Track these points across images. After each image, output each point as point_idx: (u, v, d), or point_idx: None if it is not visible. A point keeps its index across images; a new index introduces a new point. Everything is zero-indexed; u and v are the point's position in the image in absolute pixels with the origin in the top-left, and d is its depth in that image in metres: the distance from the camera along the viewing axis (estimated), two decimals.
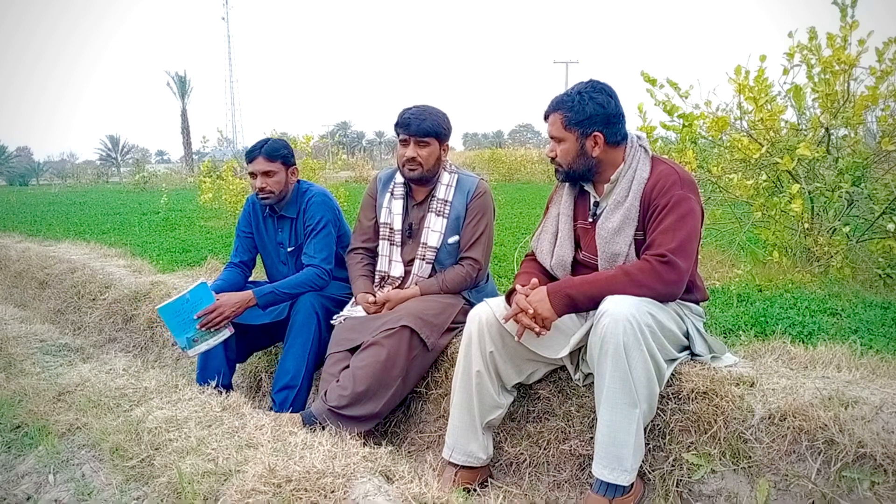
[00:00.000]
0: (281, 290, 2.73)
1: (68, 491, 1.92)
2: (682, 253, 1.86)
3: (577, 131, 1.99)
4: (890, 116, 3.68)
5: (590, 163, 2.03)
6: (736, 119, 4.06)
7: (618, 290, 1.84)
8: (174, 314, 2.57)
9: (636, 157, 2.02)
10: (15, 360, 3.42)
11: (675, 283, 1.86)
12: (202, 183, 9.27)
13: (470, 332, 2.11)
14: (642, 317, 1.78)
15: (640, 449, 1.84)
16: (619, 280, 1.86)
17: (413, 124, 2.51)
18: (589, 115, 1.97)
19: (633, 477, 1.83)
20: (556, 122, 2.02)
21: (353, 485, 1.63)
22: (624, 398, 1.77)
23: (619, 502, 1.85)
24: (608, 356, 1.77)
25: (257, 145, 2.80)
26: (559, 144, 2.04)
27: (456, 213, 2.60)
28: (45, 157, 69.45)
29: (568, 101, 2.00)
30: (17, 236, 7.45)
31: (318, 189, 2.95)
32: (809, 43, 3.73)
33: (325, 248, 2.81)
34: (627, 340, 1.74)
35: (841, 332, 2.57)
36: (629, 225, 1.97)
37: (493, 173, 19.42)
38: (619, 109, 2.02)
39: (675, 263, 1.84)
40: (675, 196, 1.91)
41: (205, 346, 2.64)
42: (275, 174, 2.78)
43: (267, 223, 2.97)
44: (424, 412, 2.62)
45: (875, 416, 1.66)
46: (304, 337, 2.62)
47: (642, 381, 1.78)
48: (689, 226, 1.89)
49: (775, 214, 3.86)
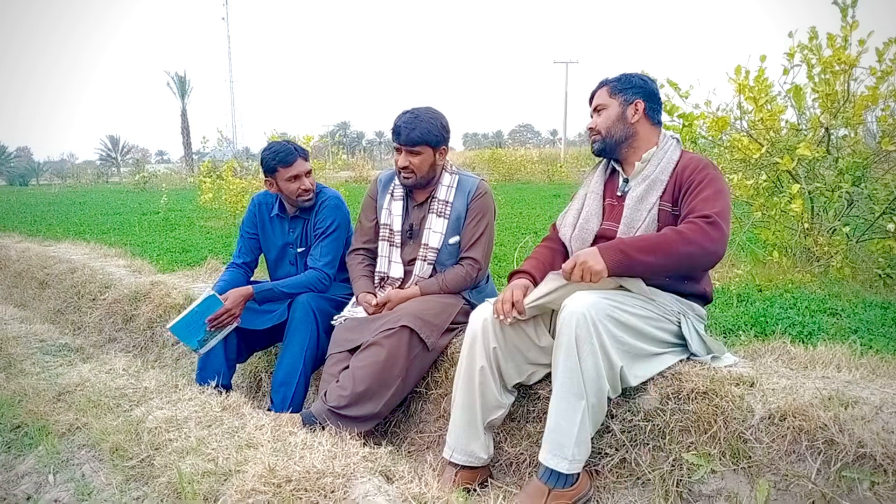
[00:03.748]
0: (279, 288, 2.74)
1: (68, 491, 1.92)
2: (724, 217, 1.95)
3: (621, 98, 2.17)
4: (890, 116, 3.68)
5: (627, 131, 2.16)
6: (736, 119, 4.07)
7: (668, 246, 1.88)
8: (185, 327, 2.61)
9: (668, 143, 2.17)
10: (15, 360, 3.43)
11: (719, 241, 1.92)
12: (202, 183, 9.27)
13: (474, 330, 2.12)
14: (599, 314, 1.83)
15: (585, 443, 1.87)
16: (669, 237, 1.91)
17: (403, 133, 2.49)
18: (633, 84, 2.18)
19: (576, 468, 1.87)
20: (603, 93, 2.21)
21: (353, 485, 1.63)
22: (571, 388, 1.84)
23: (559, 494, 1.88)
24: (562, 347, 1.85)
25: (286, 149, 2.76)
26: (601, 113, 2.19)
27: (456, 214, 2.60)
28: (45, 157, 69.62)
29: (615, 77, 2.23)
30: (16, 236, 7.45)
31: (333, 193, 2.95)
32: (810, 43, 3.73)
33: (330, 253, 2.82)
34: (580, 333, 1.81)
35: (841, 332, 2.57)
36: (654, 193, 2.08)
37: (493, 173, 19.43)
38: (658, 93, 2.22)
39: (720, 224, 1.92)
40: (712, 174, 2.04)
41: (214, 342, 2.71)
42: (310, 172, 2.84)
43: (275, 223, 2.97)
44: (424, 412, 2.62)
45: (875, 416, 1.66)
46: (302, 336, 2.63)
47: (591, 374, 1.83)
48: (726, 199, 2.02)
49: (775, 214, 3.86)
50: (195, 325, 2.62)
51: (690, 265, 2.00)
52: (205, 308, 2.62)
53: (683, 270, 2.03)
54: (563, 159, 24.11)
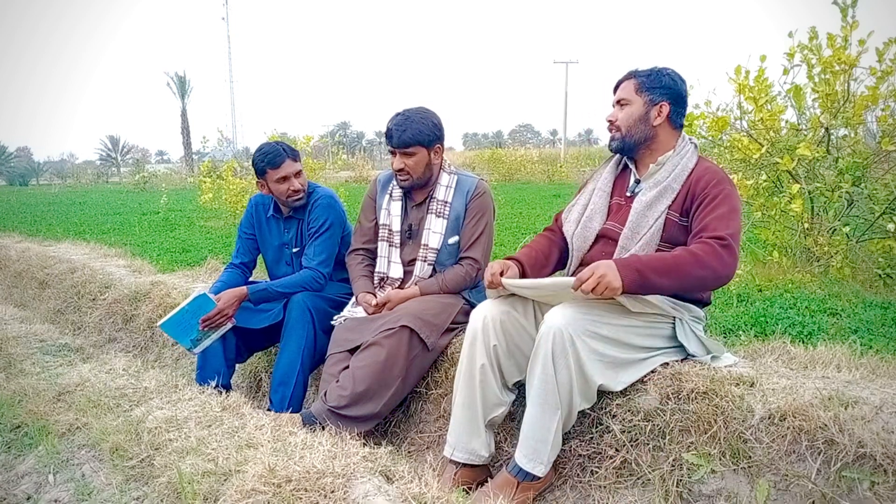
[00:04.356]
0: (274, 288, 2.74)
1: (68, 491, 1.92)
2: (736, 239, 1.92)
3: (647, 97, 2.09)
4: (890, 116, 3.68)
5: (648, 132, 2.10)
6: (736, 119, 4.07)
7: (683, 270, 1.85)
8: (176, 325, 2.61)
9: (686, 148, 2.12)
10: (15, 360, 3.43)
11: (732, 265, 1.90)
12: (202, 183, 9.28)
13: (474, 328, 2.12)
14: (577, 330, 1.86)
15: (557, 446, 1.98)
16: (685, 260, 1.87)
17: (395, 136, 2.49)
18: (662, 84, 2.09)
19: (548, 469, 1.98)
20: (629, 86, 2.12)
21: (353, 485, 1.63)
22: (547, 399, 1.90)
23: (527, 486, 1.98)
24: (538, 358, 1.89)
25: (275, 151, 2.76)
26: (624, 108, 2.12)
27: (455, 214, 2.60)
28: (45, 157, 69.66)
29: (645, 71, 2.13)
30: (16, 236, 7.45)
31: (325, 191, 2.94)
32: (810, 43, 3.73)
33: (323, 252, 2.81)
34: (556, 350, 1.85)
35: (841, 332, 2.57)
36: (663, 201, 2.04)
37: (492, 173, 19.42)
38: (686, 96, 2.14)
39: (732, 248, 1.90)
40: (727, 190, 1.99)
41: (208, 342, 2.70)
42: (301, 173, 2.82)
43: (271, 224, 2.97)
44: (424, 412, 2.62)
45: (875, 416, 1.66)
46: (298, 335, 2.63)
47: (565, 388, 1.89)
48: (739, 218, 1.98)
49: (775, 214, 3.86)
50: (187, 324, 2.61)
51: (700, 287, 2.01)
52: (196, 307, 2.61)
53: (690, 291, 2.03)
54: (563, 159, 24.13)
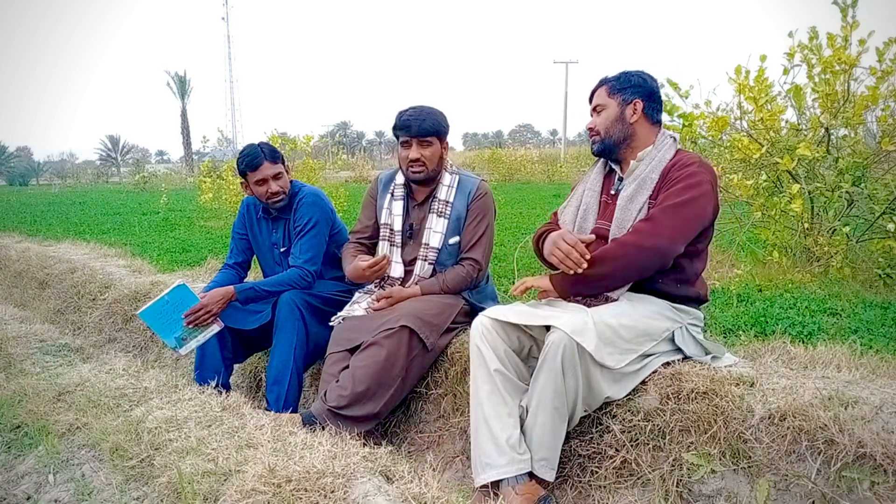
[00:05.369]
0: (261, 287, 2.75)
1: (68, 491, 1.92)
2: (669, 212, 1.97)
3: (620, 97, 2.17)
4: (890, 116, 3.68)
5: (626, 131, 2.16)
6: (736, 119, 4.06)
7: (605, 256, 1.99)
8: (156, 316, 2.60)
9: (664, 142, 2.17)
10: (15, 360, 3.43)
11: (653, 234, 1.95)
12: (202, 183, 9.28)
13: (476, 342, 2.09)
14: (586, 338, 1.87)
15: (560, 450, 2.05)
16: (607, 248, 2.02)
17: (414, 125, 2.50)
18: (632, 84, 2.17)
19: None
20: (602, 92, 2.21)
21: (353, 485, 1.63)
22: (558, 408, 1.93)
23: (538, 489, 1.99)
24: (545, 369, 1.91)
25: (253, 153, 2.76)
26: (601, 114, 2.20)
27: (457, 214, 2.60)
28: (45, 157, 69.55)
29: (614, 76, 2.22)
30: (16, 236, 7.45)
31: (310, 189, 2.95)
32: (810, 43, 3.73)
33: (310, 250, 2.81)
34: (566, 363, 1.87)
35: (841, 332, 2.57)
36: (643, 193, 2.08)
37: (493, 173, 19.43)
38: (658, 92, 2.21)
39: (656, 219, 1.97)
40: (691, 171, 2.03)
41: (195, 343, 2.68)
42: (281, 175, 2.81)
43: (261, 225, 2.98)
44: (424, 412, 2.62)
45: (875, 416, 1.66)
46: (289, 334, 2.63)
47: (571, 398, 1.93)
48: (691, 193, 1.99)
49: (775, 214, 3.86)
50: (169, 317, 2.60)
51: (640, 268, 2.00)
52: (176, 299, 2.59)
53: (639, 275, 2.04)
54: (562, 159, 24.12)
